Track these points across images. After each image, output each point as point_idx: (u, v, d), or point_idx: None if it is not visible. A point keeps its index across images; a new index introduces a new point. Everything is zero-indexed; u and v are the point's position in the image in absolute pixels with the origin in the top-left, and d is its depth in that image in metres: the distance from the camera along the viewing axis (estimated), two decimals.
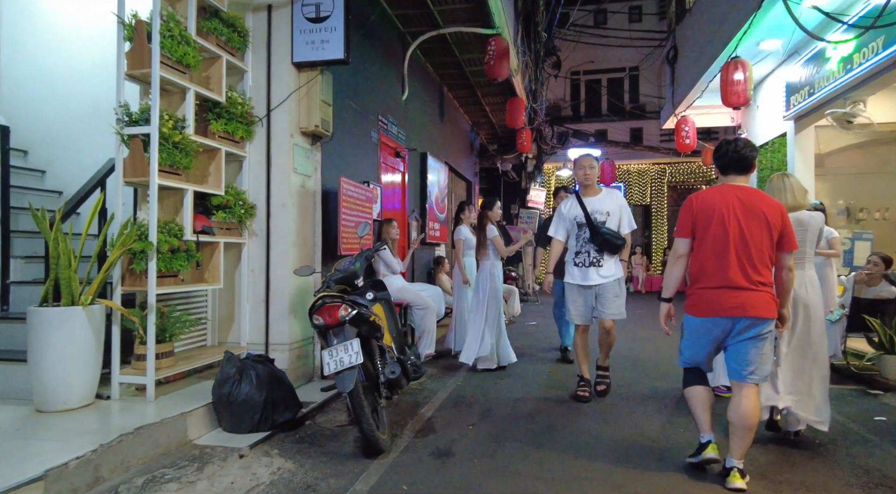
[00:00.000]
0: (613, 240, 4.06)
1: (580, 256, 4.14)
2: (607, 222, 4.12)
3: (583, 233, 4.13)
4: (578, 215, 4.17)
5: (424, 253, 7.83)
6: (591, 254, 4.10)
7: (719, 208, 2.65)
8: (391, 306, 4.09)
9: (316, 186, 4.56)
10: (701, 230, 2.69)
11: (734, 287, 2.58)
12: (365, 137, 5.60)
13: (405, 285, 5.54)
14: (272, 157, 4.21)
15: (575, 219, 4.19)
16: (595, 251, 4.09)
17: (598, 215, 4.12)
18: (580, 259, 4.14)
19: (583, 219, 4.14)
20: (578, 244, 4.16)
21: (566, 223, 4.25)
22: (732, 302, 2.58)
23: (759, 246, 2.59)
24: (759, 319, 2.57)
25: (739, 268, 2.58)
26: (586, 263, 4.11)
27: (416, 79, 7.42)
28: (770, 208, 2.63)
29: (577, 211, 4.18)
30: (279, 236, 4.21)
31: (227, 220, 3.97)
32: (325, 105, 4.40)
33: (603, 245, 4.07)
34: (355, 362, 2.83)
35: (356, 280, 3.89)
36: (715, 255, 2.63)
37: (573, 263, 4.18)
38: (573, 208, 4.23)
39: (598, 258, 4.09)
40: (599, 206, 4.16)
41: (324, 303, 2.98)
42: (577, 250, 4.16)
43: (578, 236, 4.16)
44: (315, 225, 4.55)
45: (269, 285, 4.22)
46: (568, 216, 4.24)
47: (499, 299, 5.24)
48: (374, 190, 5.64)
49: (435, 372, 5.12)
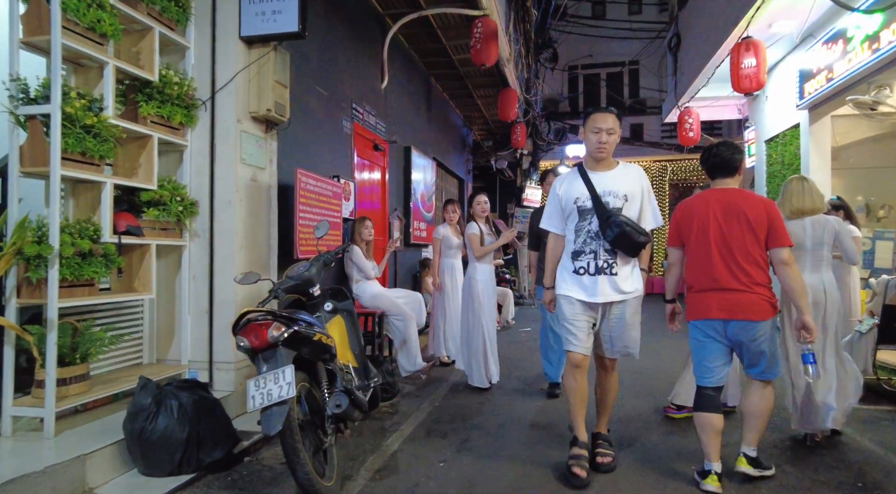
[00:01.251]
0: (633, 235, 2.68)
1: (582, 258, 2.81)
2: (624, 208, 2.77)
3: (587, 224, 2.80)
4: (582, 197, 2.82)
5: (409, 255, 7.26)
6: (601, 255, 2.78)
7: (700, 213, 2.74)
8: (354, 318, 3.53)
9: (271, 180, 3.99)
10: (685, 237, 2.81)
11: (720, 289, 2.63)
12: (335, 126, 5.04)
13: (381, 292, 4.98)
14: (216, 146, 3.65)
15: (576, 203, 2.83)
16: (606, 252, 2.77)
17: (612, 199, 2.77)
18: (582, 262, 2.81)
19: (588, 202, 2.79)
20: (580, 241, 2.83)
21: (563, 210, 2.93)
22: (721, 304, 2.62)
23: (743, 246, 2.61)
24: (749, 322, 2.59)
25: (725, 269, 2.62)
26: (592, 268, 2.78)
27: (399, 67, 6.86)
28: (751, 206, 2.64)
29: (580, 190, 2.82)
30: (224, 237, 3.64)
31: (160, 219, 3.41)
32: (280, 87, 3.84)
33: (618, 242, 2.71)
34: (286, 395, 2.26)
35: (312, 288, 3.34)
36: (699, 259, 2.72)
37: (570, 267, 2.86)
38: (574, 185, 2.87)
39: (611, 262, 2.77)
40: (613, 185, 2.79)
41: (248, 321, 2.41)
42: (578, 250, 2.83)
43: (580, 229, 2.83)
44: (270, 225, 3.98)
45: (212, 293, 3.65)
46: (566, 199, 2.88)
47: (485, 309, 4.66)
48: (346, 186, 5.07)
49: (412, 390, 4.56)
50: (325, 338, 2.70)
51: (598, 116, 2.82)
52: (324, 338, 2.67)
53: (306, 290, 3.34)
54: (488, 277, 4.75)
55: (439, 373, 5.19)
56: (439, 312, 5.47)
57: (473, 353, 4.60)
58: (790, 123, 7.03)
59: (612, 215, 2.72)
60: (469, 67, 7.90)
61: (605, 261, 2.79)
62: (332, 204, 4.48)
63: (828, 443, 3.26)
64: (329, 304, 3.44)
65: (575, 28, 13.49)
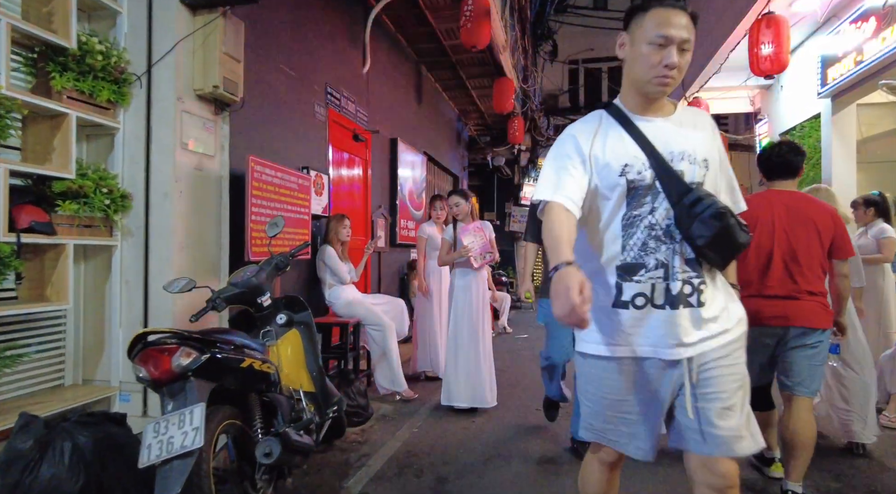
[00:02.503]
0: (737, 232, 1.52)
1: (640, 278, 1.55)
2: (705, 181, 1.57)
3: (646, 213, 1.55)
4: (635, 165, 1.55)
5: (396, 256, 6.71)
6: (677, 270, 1.53)
7: (762, 215, 2.59)
8: (312, 333, 2.98)
9: (222, 169, 3.43)
10: None
11: (777, 297, 2.52)
12: (306, 112, 4.49)
13: (357, 298, 4.43)
14: (152, 128, 3.09)
15: (624, 174, 1.55)
16: (688, 264, 1.54)
17: (688, 166, 1.55)
18: (640, 286, 1.54)
19: (647, 174, 1.54)
20: (634, 245, 1.56)
21: (591, 184, 1.57)
22: (776, 311, 2.51)
23: (808, 253, 2.52)
24: (809, 329, 2.49)
25: (786, 277, 2.51)
26: (661, 296, 1.53)
27: (385, 52, 6.31)
28: (819, 213, 2.55)
29: (630, 151, 1.56)
30: (160, 235, 3.09)
31: (80, 214, 2.85)
32: (231, 61, 3.28)
33: (715, 245, 1.50)
34: (192, 445, 1.71)
35: (260, 297, 2.81)
36: (759, 263, 2.57)
37: (611, 297, 1.58)
38: (616, 142, 1.58)
39: (697, 282, 1.54)
40: (684, 142, 1.56)
41: (144, 346, 1.86)
42: (633, 263, 1.55)
43: (633, 223, 1.56)
44: (220, 221, 3.42)
45: (147, 303, 3.10)
46: (602, 165, 1.56)
47: (473, 320, 4.09)
48: (318, 179, 4.52)
49: (388, 411, 4.00)
50: (260, 364, 2.15)
51: (665, 14, 1.52)
52: (257, 364, 2.12)
53: (254, 299, 2.81)
54: (472, 283, 4.17)
55: (424, 389, 4.64)
56: (425, 320, 4.92)
57: (458, 370, 4.04)
58: (809, 114, 6.48)
59: (701, 196, 1.48)
60: (462, 54, 7.34)
61: (686, 280, 1.51)
62: (298, 199, 3.92)
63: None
64: (282, 316, 2.91)
65: (575, 19, 12.93)
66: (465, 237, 4.11)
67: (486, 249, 4.14)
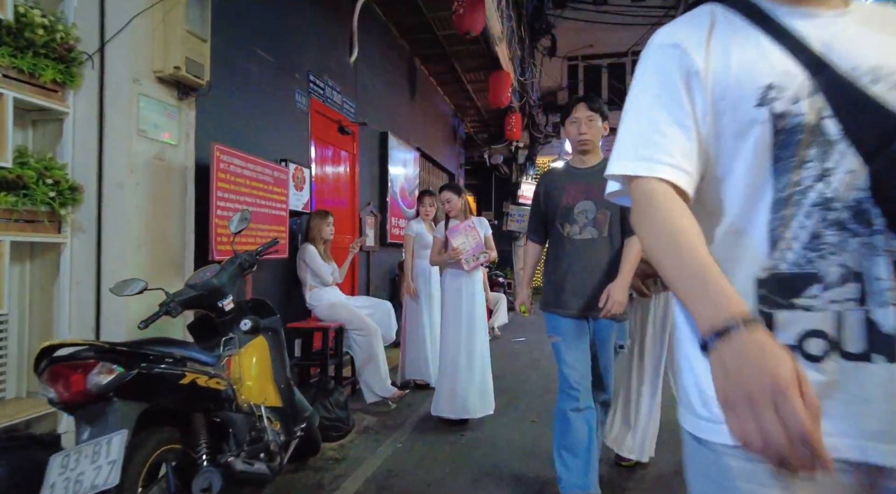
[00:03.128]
0: None
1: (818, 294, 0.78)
2: None
3: (818, 168, 0.79)
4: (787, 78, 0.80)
5: (386, 256, 6.40)
6: (887, 282, 0.76)
7: None
8: (280, 340, 2.68)
9: (186, 159, 3.13)
10: None
11: None
12: (285, 101, 4.18)
13: (340, 301, 4.13)
14: (106, 113, 2.79)
15: (766, 94, 0.80)
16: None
17: (884, 87, 0.78)
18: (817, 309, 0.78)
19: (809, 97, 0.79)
20: (793, 228, 0.80)
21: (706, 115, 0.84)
22: None
23: None
24: None
25: None
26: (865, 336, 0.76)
27: (375, 42, 6.00)
28: None
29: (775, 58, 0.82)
30: (114, 231, 2.79)
31: (19, 207, 2.54)
32: (196, 40, 2.98)
33: None
34: (105, 483, 1.40)
35: (222, 301, 2.51)
36: None
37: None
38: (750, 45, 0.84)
39: None
40: (873, 48, 0.81)
41: (51, 361, 1.55)
42: (788, 269, 0.80)
43: (789, 191, 0.80)
44: (184, 216, 3.12)
45: (99, 306, 2.79)
46: (725, 81, 0.82)
47: (466, 324, 3.77)
48: (299, 172, 4.21)
49: (372, 423, 3.70)
50: (207, 379, 1.84)
51: None
52: (202, 380, 1.81)
53: (214, 303, 2.51)
54: (469, 284, 3.88)
55: (412, 398, 4.33)
56: (414, 324, 4.61)
57: (449, 379, 3.73)
58: None
59: None
60: (456, 45, 7.05)
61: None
62: (274, 193, 3.62)
63: None
64: (247, 321, 2.60)
65: (574, 15, 12.63)
66: (455, 238, 3.80)
67: (479, 249, 3.82)
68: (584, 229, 2.45)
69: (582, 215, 2.46)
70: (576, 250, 2.46)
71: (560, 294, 2.49)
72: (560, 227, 2.51)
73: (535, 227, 2.71)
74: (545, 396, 4.37)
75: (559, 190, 2.54)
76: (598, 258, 2.43)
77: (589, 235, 2.45)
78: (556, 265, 2.53)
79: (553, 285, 2.54)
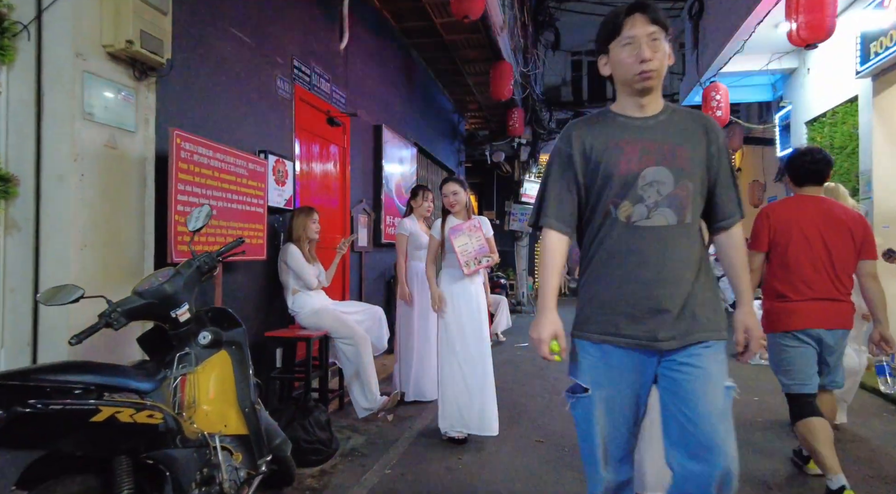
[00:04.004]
0: None
1: None
2: None
3: None
4: None
5: (381, 257, 6.03)
6: None
7: (799, 220, 2.67)
8: (245, 355, 2.31)
9: (145, 149, 2.75)
10: (781, 245, 2.69)
11: (824, 298, 2.62)
12: (265, 87, 3.80)
13: (326, 306, 3.76)
14: (44, 92, 2.42)
15: None
16: None
17: None
18: None
19: None
20: None
21: None
22: (824, 314, 2.62)
23: (843, 257, 2.64)
24: (845, 331, 2.66)
25: (828, 279, 2.62)
26: None
27: (368, 29, 5.63)
28: (851, 218, 2.67)
29: None
30: (55, 230, 2.41)
31: None
32: (153, 11, 2.61)
33: None
34: None
35: (176, 310, 2.15)
36: (798, 267, 2.65)
37: None
38: None
39: None
40: None
41: None
42: None
43: None
44: (143, 214, 2.74)
45: (37, 316, 2.42)
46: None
47: (465, 333, 3.40)
48: (280, 165, 3.83)
49: (360, 443, 3.32)
50: (133, 413, 1.47)
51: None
52: (125, 414, 1.43)
53: (166, 313, 2.13)
54: (468, 288, 3.50)
55: (405, 411, 3.96)
56: (405, 332, 4.23)
57: (449, 395, 3.36)
58: (844, 98, 5.79)
59: None
60: (455, 33, 6.67)
61: None
62: (249, 187, 3.24)
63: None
64: (206, 334, 2.24)
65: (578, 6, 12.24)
66: (458, 238, 3.43)
67: (482, 251, 3.45)
68: (654, 212, 1.56)
69: (651, 188, 1.56)
70: (642, 244, 1.57)
71: (609, 314, 1.59)
72: (613, 208, 1.59)
73: (559, 208, 1.66)
74: (551, 411, 3.99)
75: (612, 149, 1.60)
76: (679, 256, 1.57)
77: (663, 220, 1.56)
78: (605, 269, 1.62)
79: (595, 300, 1.63)
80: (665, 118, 1.63)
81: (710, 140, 1.63)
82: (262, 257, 3.48)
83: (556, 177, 1.68)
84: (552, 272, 1.67)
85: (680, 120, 1.64)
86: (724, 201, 1.66)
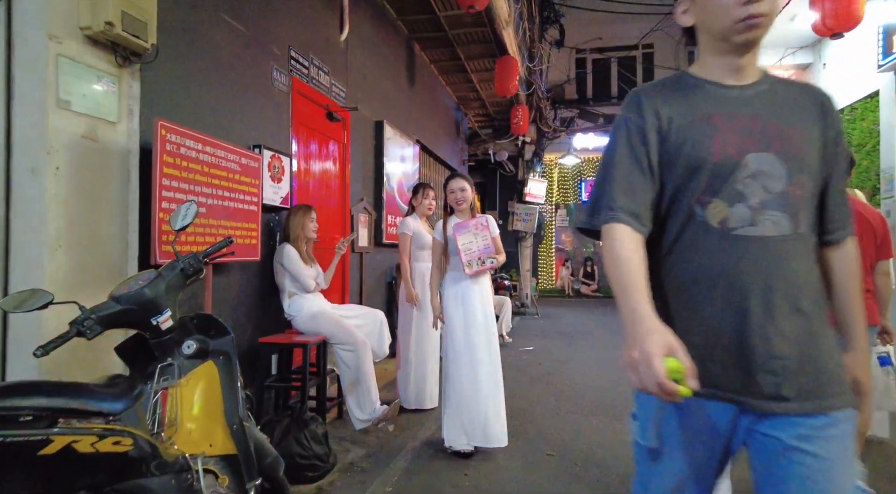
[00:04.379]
0: None
1: None
2: None
3: None
4: None
5: (382, 258, 5.82)
6: None
7: None
8: (233, 366, 2.09)
9: (129, 141, 2.55)
10: None
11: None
12: (259, 78, 3.60)
13: (324, 310, 3.55)
14: (14, 77, 2.22)
15: None
16: None
17: None
18: None
19: None
20: None
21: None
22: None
23: (868, 255, 2.63)
24: (872, 326, 2.60)
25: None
26: None
27: (369, 21, 5.43)
28: (874, 217, 2.71)
29: None
30: (26, 229, 2.22)
31: None
32: None
33: None
34: None
35: (156, 317, 1.95)
36: None
37: None
38: None
39: None
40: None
41: None
42: None
43: None
44: (126, 211, 2.54)
45: (6, 324, 2.22)
46: None
47: (471, 338, 3.20)
48: (276, 161, 3.63)
49: (359, 456, 3.11)
50: (96, 441, 1.26)
51: None
52: (85, 443, 1.24)
53: (146, 320, 1.93)
54: (473, 290, 3.30)
55: (406, 421, 3.75)
56: (410, 337, 4.03)
57: (453, 404, 3.15)
58: (863, 93, 5.58)
59: None
60: (458, 27, 6.47)
61: None
62: (242, 183, 3.04)
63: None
64: (191, 343, 2.02)
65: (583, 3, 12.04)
66: (463, 236, 3.24)
67: (487, 252, 3.25)
68: (761, 215, 1.11)
69: (755, 181, 1.12)
70: (744, 262, 1.11)
71: (699, 360, 1.01)
72: (698, 208, 1.15)
73: (630, 197, 1.16)
74: (560, 419, 3.79)
75: (700, 125, 1.16)
76: (797, 281, 1.12)
77: (773, 227, 1.11)
78: (688, 296, 1.16)
79: (682, 335, 1.03)
80: (767, 88, 1.19)
81: (829, 123, 1.19)
82: (255, 259, 3.28)
83: (625, 156, 1.18)
84: (635, 280, 1.08)
85: (787, 92, 1.20)
86: (835, 206, 1.23)
